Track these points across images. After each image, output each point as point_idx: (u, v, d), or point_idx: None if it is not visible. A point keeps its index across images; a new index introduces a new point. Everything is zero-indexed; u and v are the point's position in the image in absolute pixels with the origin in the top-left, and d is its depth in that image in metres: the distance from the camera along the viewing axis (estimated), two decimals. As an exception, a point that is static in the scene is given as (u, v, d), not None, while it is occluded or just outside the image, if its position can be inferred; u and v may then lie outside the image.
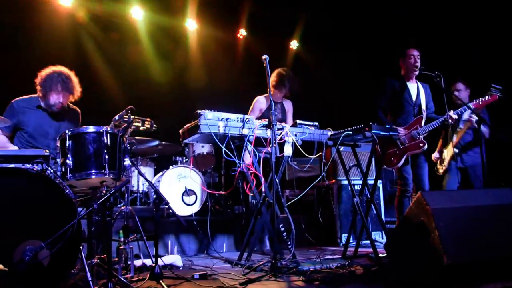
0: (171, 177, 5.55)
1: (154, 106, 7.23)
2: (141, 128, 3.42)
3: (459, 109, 4.64)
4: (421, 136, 4.66)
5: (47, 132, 4.05)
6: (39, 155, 2.92)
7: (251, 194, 4.52)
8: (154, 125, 3.53)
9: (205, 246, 5.10)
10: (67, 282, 2.88)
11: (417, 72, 4.86)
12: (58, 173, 3.06)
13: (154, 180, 5.86)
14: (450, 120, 4.59)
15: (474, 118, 4.78)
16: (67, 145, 3.06)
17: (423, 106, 4.90)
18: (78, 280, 3.02)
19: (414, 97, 4.90)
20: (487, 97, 4.62)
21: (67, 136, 3.08)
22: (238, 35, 8.79)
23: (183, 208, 5.46)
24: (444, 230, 2.73)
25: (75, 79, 4.03)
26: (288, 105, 5.41)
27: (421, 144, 4.63)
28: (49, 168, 2.91)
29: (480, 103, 4.62)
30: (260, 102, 5.23)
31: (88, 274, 2.77)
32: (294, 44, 9.37)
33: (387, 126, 4.34)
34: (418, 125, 4.71)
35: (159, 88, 7.80)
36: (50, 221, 2.69)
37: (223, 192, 6.17)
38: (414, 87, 4.96)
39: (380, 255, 3.96)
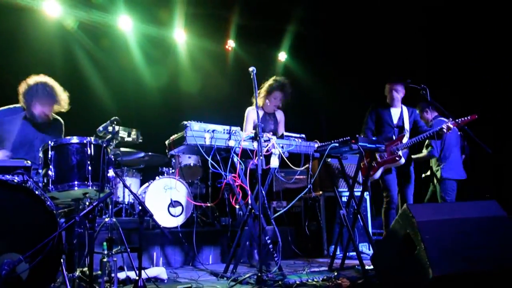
0: (157, 188, 5.49)
1: (142, 116, 7.20)
2: (127, 139, 3.38)
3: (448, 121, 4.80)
4: (400, 152, 4.84)
5: (32, 143, 3.98)
6: (20, 166, 2.87)
7: (237, 207, 4.49)
8: (141, 137, 3.50)
9: (191, 258, 5.04)
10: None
11: (396, 105, 5.15)
12: (40, 184, 3.00)
13: (140, 191, 5.80)
14: (445, 130, 4.74)
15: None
16: (49, 156, 3.01)
17: (406, 127, 5.08)
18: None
19: (395, 120, 5.13)
20: (467, 117, 4.77)
21: (49, 146, 3.03)
22: (227, 47, 8.80)
23: (169, 219, 5.39)
24: (430, 242, 2.72)
25: (59, 89, 3.97)
26: (280, 116, 5.37)
27: (397, 158, 4.83)
28: (30, 179, 2.86)
29: (460, 122, 4.76)
30: (253, 113, 5.20)
31: (69, 288, 2.71)
32: (282, 56, 9.40)
33: (373, 138, 4.36)
34: (399, 141, 4.91)
35: (147, 98, 7.77)
36: (31, 234, 2.63)
37: (208, 204, 6.12)
38: (397, 111, 5.19)
39: (367, 267, 3.94)
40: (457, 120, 4.78)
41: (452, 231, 2.87)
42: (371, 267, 3.80)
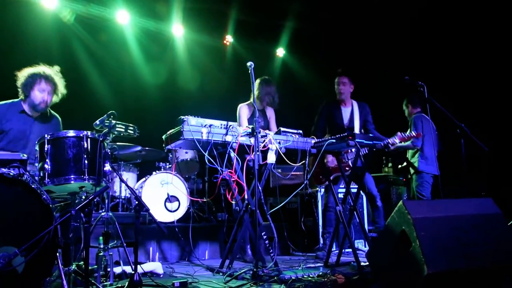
0: (154, 183, 5.49)
1: (139, 110, 7.19)
2: (124, 133, 3.37)
3: (390, 140, 4.73)
4: (350, 161, 4.87)
5: (28, 138, 3.96)
6: (16, 159, 2.86)
7: (233, 202, 4.49)
8: (138, 131, 3.48)
9: (187, 253, 5.05)
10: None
11: (343, 97, 5.13)
12: (36, 177, 2.99)
13: (136, 186, 5.79)
14: (391, 147, 4.68)
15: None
16: (45, 149, 3.00)
17: (356, 130, 5.02)
18: (54, 287, 2.96)
19: (346, 121, 5.09)
20: (413, 133, 4.90)
21: (45, 140, 3.02)
22: (225, 42, 8.78)
23: (165, 214, 5.39)
24: (425, 239, 2.74)
25: (58, 76, 3.96)
26: (270, 113, 5.36)
27: (347, 168, 4.85)
28: (26, 173, 2.85)
29: (406, 138, 4.78)
30: (245, 109, 5.20)
31: (65, 282, 2.71)
32: (280, 52, 9.39)
33: (370, 135, 4.35)
34: (349, 149, 4.75)
35: (144, 92, 7.75)
36: (26, 227, 2.63)
37: (203, 199, 6.13)
38: (348, 111, 5.14)
39: (362, 263, 3.95)
40: (402, 135, 4.75)
41: (447, 228, 2.88)
42: (367, 263, 3.81)
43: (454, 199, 3.19)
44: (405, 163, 5.98)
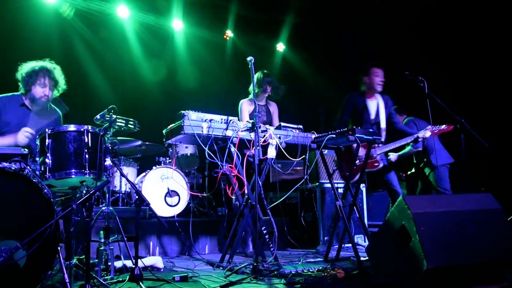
0: (154, 178, 5.50)
1: (140, 105, 7.19)
2: (124, 128, 3.37)
3: (422, 133, 4.80)
4: (378, 156, 4.78)
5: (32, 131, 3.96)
6: (17, 153, 2.86)
7: (233, 197, 4.50)
8: (138, 126, 3.48)
9: (187, 247, 5.06)
10: (45, 284, 2.82)
11: (380, 89, 4.94)
12: (37, 172, 3.00)
13: (137, 180, 5.80)
14: (420, 140, 4.78)
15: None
16: (46, 143, 3.00)
17: (382, 125, 4.94)
18: (56, 281, 2.97)
19: (373, 115, 4.96)
20: (443, 126, 4.83)
21: (46, 134, 3.02)
22: (225, 36, 8.76)
23: (165, 209, 5.40)
24: (425, 234, 2.74)
25: (58, 72, 3.96)
26: (273, 108, 5.39)
27: (375, 164, 4.77)
28: (28, 167, 2.85)
29: (436, 131, 4.80)
30: (246, 105, 5.22)
31: (66, 276, 2.72)
32: (280, 47, 9.37)
33: (370, 130, 4.34)
34: (377, 144, 4.74)
35: (145, 87, 7.75)
36: (28, 221, 2.63)
37: (202, 194, 6.14)
38: (374, 104, 5.00)
39: (362, 258, 3.97)
40: (433, 129, 4.78)
41: (447, 223, 2.88)
42: (366, 258, 3.82)
43: (454, 194, 3.21)
44: (413, 169, 5.99)
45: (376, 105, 5.00)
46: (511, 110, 6.62)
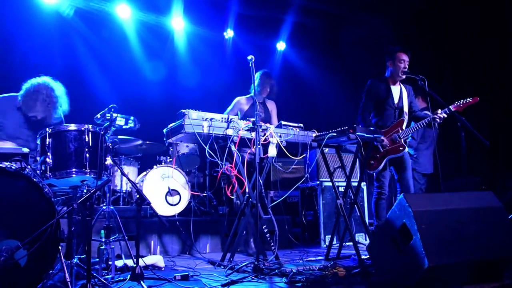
0: (155, 177, 5.50)
1: (140, 104, 7.17)
2: (125, 126, 3.37)
3: (445, 109, 4.67)
4: (402, 140, 4.68)
5: (27, 134, 3.92)
6: (18, 153, 2.87)
7: (232, 197, 4.50)
8: (138, 124, 3.48)
9: (188, 246, 5.06)
10: (46, 283, 2.82)
11: (403, 76, 4.83)
12: (38, 171, 3.00)
13: (137, 179, 5.80)
14: (438, 120, 4.63)
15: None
16: (47, 143, 3.01)
17: (405, 109, 4.89)
18: (57, 281, 2.97)
19: (396, 101, 4.88)
20: (468, 99, 4.66)
21: (47, 134, 3.03)
22: (225, 34, 8.74)
23: (166, 208, 5.40)
24: (426, 232, 2.74)
25: (59, 94, 3.90)
26: (272, 106, 5.38)
27: (401, 148, 4.67)
28: (28, 167, 2.86)
29: (461, 105, 4.66)
30: (241, 103, 5.21)
31: (67, 275, 2.72)
32: (281, 45, 9.36)
33: (371, 128, 4.34)
34: (399, 128, 4.72)
35: (145, 86, 7.74)
36: (29, 221, 2.64)
37: (204, 194, 6.14)
38: (397, 90, 4.94)
39: (363, 256, 3.97)
40: (457, 102, 4.63)
41: (448, 221, 2.88)
42: (367, 256, 3.82)
43: (454, 192, 3.20)
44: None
45: (399, 91, 4.94)
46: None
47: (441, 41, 7.26)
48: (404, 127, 4.74)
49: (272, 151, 4.04)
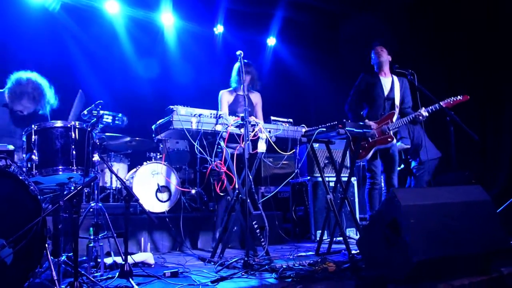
0: (145, 174, 5.47)
1: (130, 101, 7.12)
2: (113, 123, 3.34)
3: (431, 107, 4.76)
4: (391, 132, 4.78)
5: (13, 131, 3.86)
6: (2, 150, 2.82)
7: (221, 194, 4.48)
8: (126, 120, 3.45)
9: (178, 243, 5.04)
10: (33, 281, 2.79)
11: (385, 67, 5.02)
12: (24, 169, 2.96)
13: (127, 176, 5.76)
14: (420, 117, 4.76)
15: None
16: (33, 140, 2.97)
17: (397, 101, 4.98)
18: (44, 279, 2.94)
19: (386, 91, 5.00)
20: (459, 97, 4.72)
21: (33, 130, 2.99)
22: (215, 30, 8.69)
23: (157, 204, 5.38)
24: (415, 227, 2.75)
25: (45, 88, 3.84)
26: (256, 98, 5.16)
27: (389, 139, 4.77)
28: (14, 164, 2.82)
29: (452, 102, 4.72)
30: (225, 96, 5.04)
31: (54, 273, 2.69)
32: (271, 41, 9.33)
33: (360, 123, 4.35)
34: (389, 120, 4.83)
35: (134, 82, 7.67)
36: (14, 218, 2.59)
37: (190, 190, 6.12)
38: (388, 81, 5.05)
39: (353, 251, 3.97)
40: (447, 100, 4.71)
41: (437, 215, 2.89)
42: (357, 251, 3.83)
43: (443, 187, 3.21)
44: (402, 165, 6.00)
45: (390, 83, 5.06)
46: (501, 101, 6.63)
47: (433, 37, 7.27)
48: (394, 119, 4.84)
49: (262, 147, 4.02)
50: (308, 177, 5.83)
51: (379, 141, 4.81)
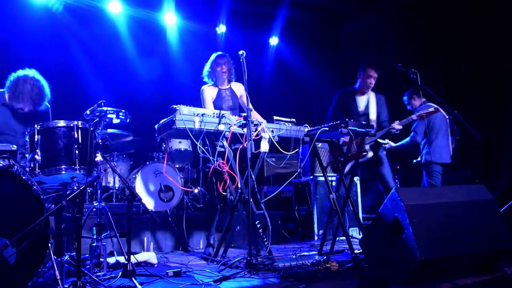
0: (148, 173, 5.48)
1: (133, 100, 7.12)
2: (115, 120, 3.34)
3: (403, 120, 4.86)
4: (367, 146, 4.82)
5: (14, 130, 3.83)
6: (5, 150, 2.83)
7: (225, 193, 4.47)
8: (129, 116, 3.45)
9: (181, 243, 5.04)
10: (36, 281, 2.80)
11: (369, 90, 5.03)
12: (27, 168, 2.97)
13: (130, 176, 5.77)
14: (393, 130, 4.84)
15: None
16: (36, 139, 2.97)
17: (372, 116, 4.99)
18: (47, 278, 2.95)
19: (362, 108, 5.04)
20: (431, 109, 4.88)
21: (36, 130, 2.99)
22: (217, 30, 8.68)
23: (160, 204, 5.38)
24: (418, 226, 2.74)
25: (44, 88, 3.80)
26: (239, 89, 4.89)
27: (363, 153, 4.80)
28: (17, 163, 2.82)
29: (424, 114, 4.86)
30: (209, 92, 4.94)
31: (57, 272, 2.69)
32: (274, 40, 9.31)
33: (363, 122, 4.33)
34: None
35: (138, 82, 7.68)
36: (17, 218, 2.60)
37: (193, 189, 6.12)
38: (364, 99, 5.08)
39: (356, 251, 3.97)
40: (419, 112, 4.87)
41: (440, 215, 2.88)
42: (360, 251, 3.82)
43: (446, 186, 3.21)
44: (419, 158, 5.95)
45: (366, 100, 5.08)
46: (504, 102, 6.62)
47: (434, 36, 7.25)
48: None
49: (264, 147, 4.01)
50: (311, 177, 5.82)
51: (355, 155, 4.72)
